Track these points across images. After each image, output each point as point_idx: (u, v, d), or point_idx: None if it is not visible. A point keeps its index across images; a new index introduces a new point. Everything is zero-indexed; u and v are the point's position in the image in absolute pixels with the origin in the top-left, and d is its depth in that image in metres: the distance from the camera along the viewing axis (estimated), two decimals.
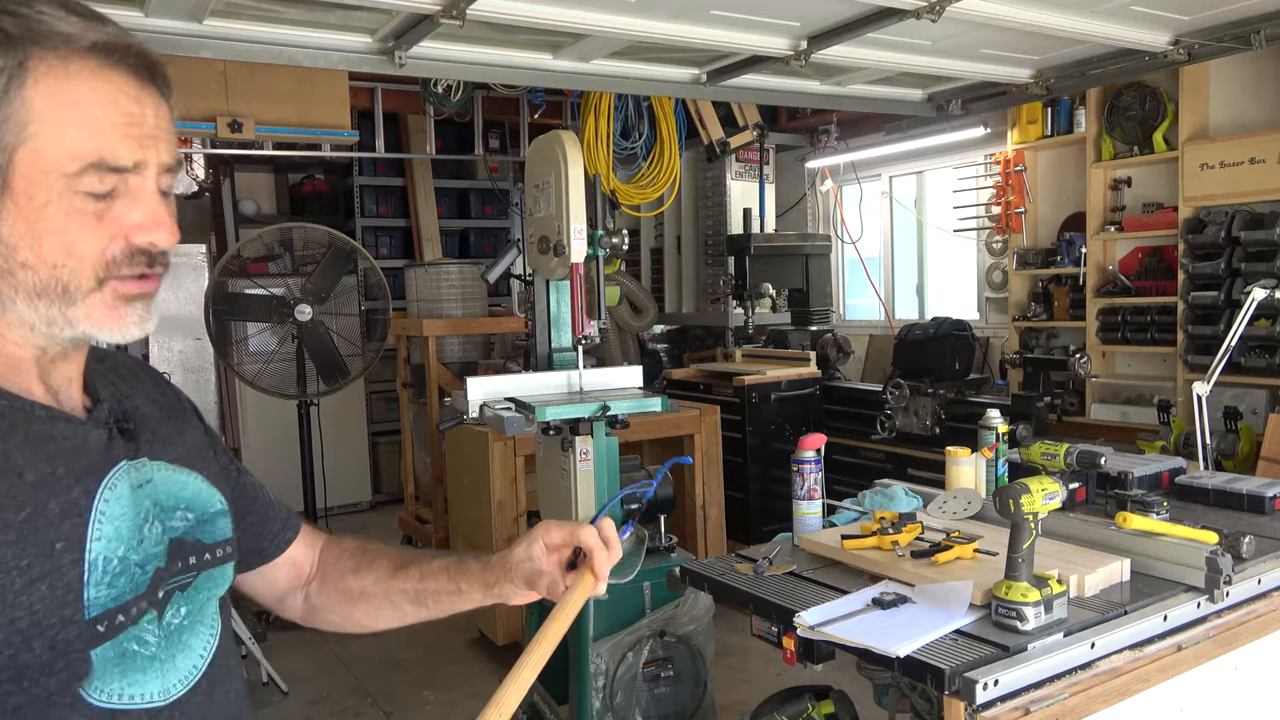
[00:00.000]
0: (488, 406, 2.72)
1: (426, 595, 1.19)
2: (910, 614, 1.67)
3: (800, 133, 6.59)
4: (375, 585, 1.21)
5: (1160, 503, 2.09)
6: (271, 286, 4.88)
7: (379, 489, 7.18)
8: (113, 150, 0.82)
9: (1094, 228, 4.77)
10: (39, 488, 0.81)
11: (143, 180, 0.85)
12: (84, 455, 0.87)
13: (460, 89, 5.78)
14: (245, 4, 2.94)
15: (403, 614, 1.22)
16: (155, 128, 0.86)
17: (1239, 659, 1.72)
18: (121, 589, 0.84)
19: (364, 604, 1.22)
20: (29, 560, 0.78)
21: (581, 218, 2.72)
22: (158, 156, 0.86)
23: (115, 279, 0.85)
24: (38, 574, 0.78)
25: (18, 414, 0.85)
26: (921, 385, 4.77)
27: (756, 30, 3.32)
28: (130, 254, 0.85)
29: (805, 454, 2.15)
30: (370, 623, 1.24)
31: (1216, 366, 2.86)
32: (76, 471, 0.85)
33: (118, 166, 0.83)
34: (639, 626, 2.71)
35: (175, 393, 1.10)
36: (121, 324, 0.87)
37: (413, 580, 1.19)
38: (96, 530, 0.84)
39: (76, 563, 0.81)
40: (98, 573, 0.82)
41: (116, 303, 0.86)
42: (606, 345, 5.67)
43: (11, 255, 0.82)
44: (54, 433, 0.86)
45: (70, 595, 0.80)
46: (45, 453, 0.84)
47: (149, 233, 0.85)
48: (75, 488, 0.84)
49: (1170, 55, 3.58)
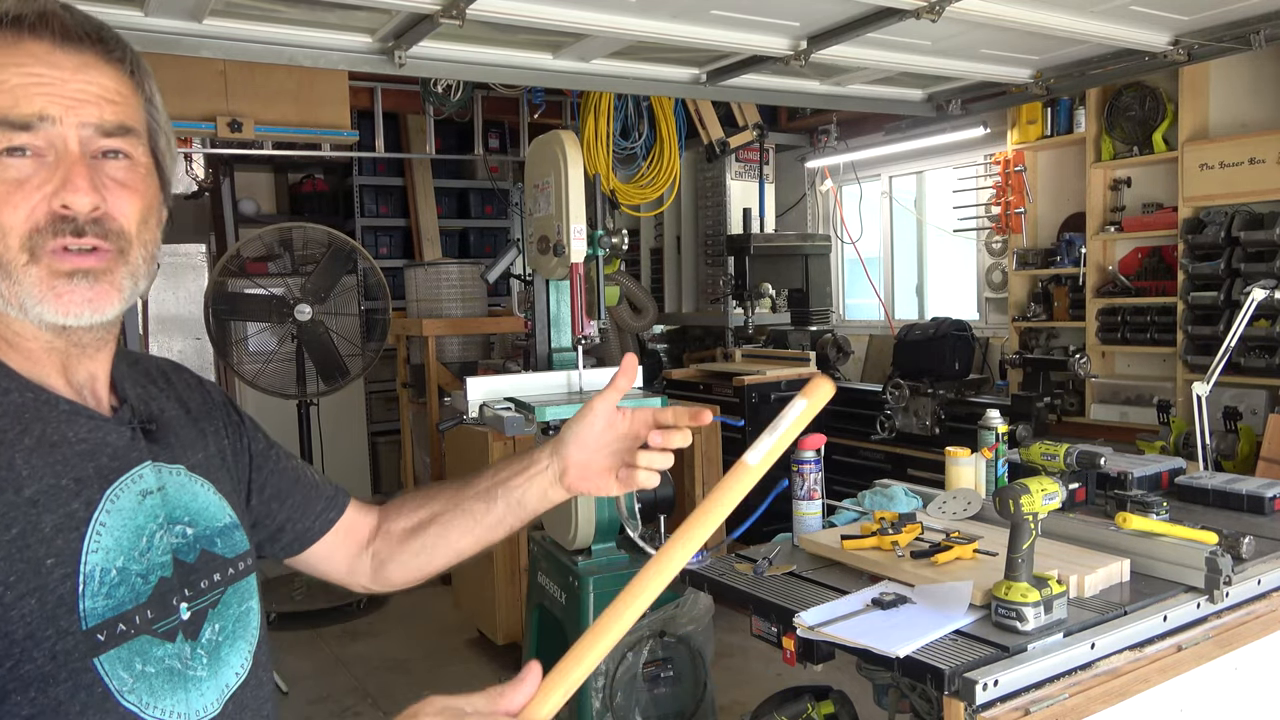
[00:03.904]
0: (487, 406, 2.72)
1: (497, 489, 1.14)
2: (910, 614, 1.67)
3: (800, 133, 6.59)
4: (445, 503, 1.17)
5: (1160, 503, 2.09)
6: (271, 286, 4.88)
7: (379, 489, 7.18)
8: (14, 106, 0.81)
9: (1094, 228, 4.77)
10: (35, 503, 0.81)
11: (64, 142, 0.83)
12: (97, 457, 0.87)
13: (460, 89, 5.78)
14: (245, 4, 2.94)
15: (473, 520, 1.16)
16: (78, 90, 0.84)
17: (1239, 659, 1.72)
18: (120, 599, 0.84)
19: (433, 527, 1.17)
20: (15, 576, 0.78)
21: (581, 218, 2.73)
22: (77, 115, 0.84)
23: (47, 252, 0.83)
24: (25, 589, 0.79)
25: (41, 407, 0.85)
26: (921, 385, 4.77)
27: (756, 30, 3.32)
28: (52, 220, 0.83)
29: (805, 454, 2.15)
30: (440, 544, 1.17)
31: (1216, 367, 2.86)
32: (82, 479, 0.85)
33: (20, 122, 0.81)
34: (639, 627, 2.71)
35: (208, 393, 1.09)
36: (61, 301, 0.84)
37: (485, 480, 1.16)
38: (94, 543, 0.84)
39: (69, 576, 0.81)
40: (94, 584, 0.83)
41: (54, 279, 0.84)
42: (606, 345, 5.66)
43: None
44: (70, 433, 0.86)
45: (62, 608, 0.80)
46: (54, 459, 0.84)
47: (61, 194, 0.83)
48: (76, 499, 0.84)
49: (1170, 55, 3.58)
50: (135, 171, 0.89)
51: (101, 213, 0.85)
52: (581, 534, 2.82)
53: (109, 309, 0.87)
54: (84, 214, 0.84)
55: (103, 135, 0.86)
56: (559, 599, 2.93)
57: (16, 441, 0.82)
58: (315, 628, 4.62)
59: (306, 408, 4.95)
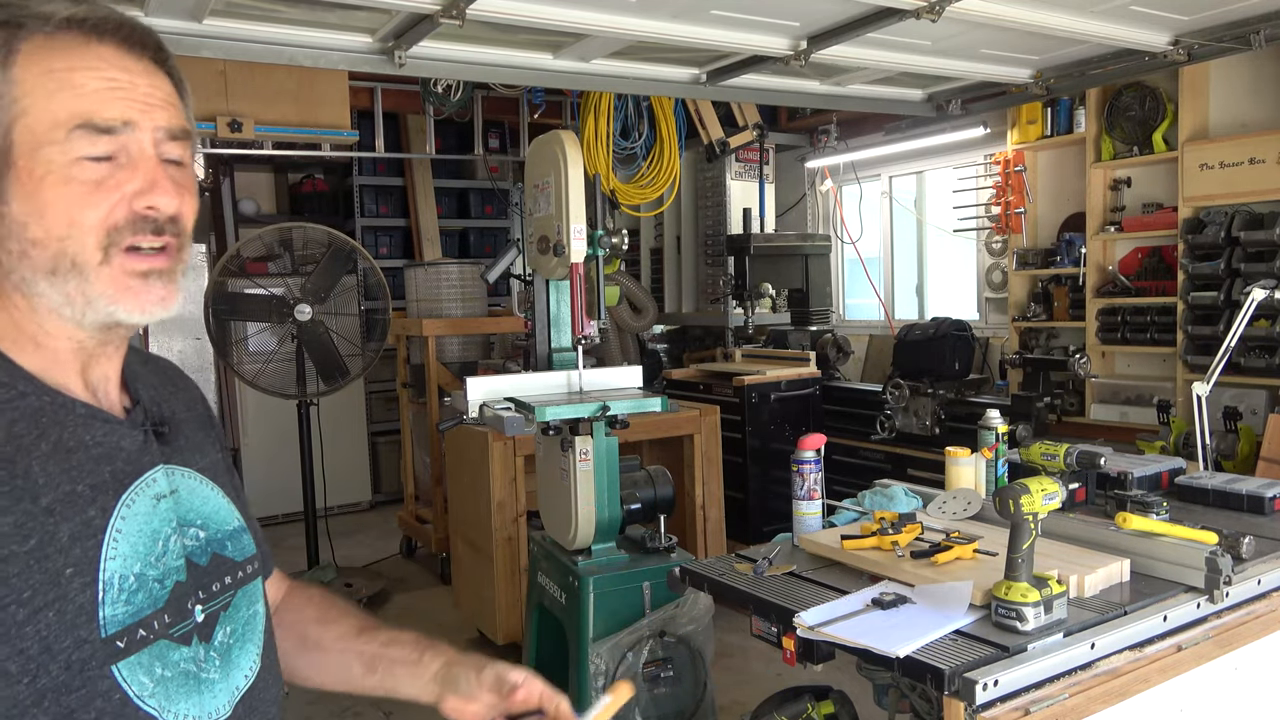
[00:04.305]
0: (487, 406, 2.72)
1: (382, 661, 1.17)
2: (910, 614, 1.67)
3: (800, 133, 6.59)
4: (336, 640, 1.20)
5: (1160, 503, 2.09)
6: (271, 286, 4.88)
7: (379, 489, 7.18)
8: (98, 110, 0.83)
9: (1094, 228, 4.77)
10: (52, 513, 0.81)
11: (140, 145, 0.85)
12: (112, 461, 0.87)
13: (460, 89, 5.78)
14: (245, 3, 2.94)
15: (349, 676, 1.20)
16: (147, 94, 0.86)
17: (1239, 659, 1.72)
18: (139, 605, 0.85)
19: (315, 655, 1.20)
20: (30, 591, 0.78)
21: (581, 218, 2.72)
22: (152, 120, 0.86)
23: (122, 252, 0.85)
24: (42, 603, 0.78)
25: (59, 411, 0.85)
26: (921, 385, 4.77)
27: (756, 30, 3.32)
28: (133, 220, 0.85)
29: (805, 454, 2.15)
30: (311, 675, 1.21)
31: (1216, 367, 2.86)
32: (98, 485, 0.85)
33: (104, 126, 0.83)
34: (639, 627, 2.71)
35: (207, 406, 1.11)
36: (139, 300, 0.86)
37: (376, 644, 1.18)
38: (111, 549, 0.84)
39: (89, 585, 0.81)
40: (114, 591, 0.83)
41: (129, 279, 0.86)
42: (606, 345, 5.67)
43: (23, 234, 0.83)
44: (86, 437, 0.86)
45: (82, 617, 0.80)
46: (70, 464, 0.84)
47: (147, 195, 0.85)
48: (92, 506, 0.84)
49: (1170, 55, 3.58)
50: (188, 174, 0.91)
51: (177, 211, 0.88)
52: (581, 534, 2.82)
53: (175, 305, 0.89)
54: (167, 216, 0.87)
55: (169, 139, 0.88)
56: (559, 599, 2.93)
57: (33, 447, 0.82)
58: None
59: (306, 408, 4.95)
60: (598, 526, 2.82)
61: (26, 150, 0.82)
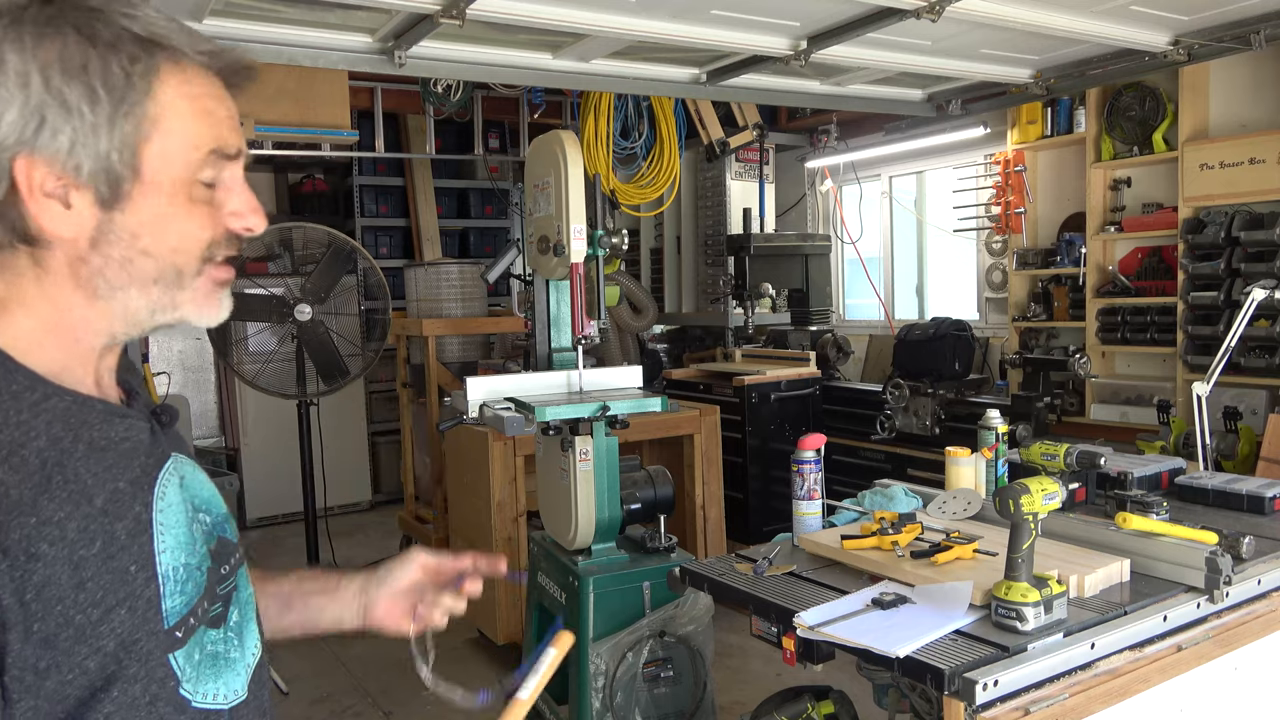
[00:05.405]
0: (487, 406, 2.72)
1: (296, 596, 1.20)
2: (910, 614, 1.67)
3: (800, 133, 6.59)
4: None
5: (1160, 503, 2.09)
6: (271, 286, 4.88)
7: (379, 489, 7.18)
8: (226, 139, 0.89)
9: (1094, 228, 4.77)
10: (107, 512, 0.82)
11: (236, 169, 0.91)
12: (138, 456, 0.88)
13: (460, 89, 5.78)
14: (245, 3, 2.94)
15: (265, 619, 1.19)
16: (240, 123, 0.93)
17: (1239, 659, 1.72)
18: (190, 594, 0.87)
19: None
20: (102, 593, 0.79)
21: (581, 218, 2.72)
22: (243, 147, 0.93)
23: (211, 264, 0.90)
24: (114, 601, 0.80)
25: (82, 411, 0.85)
26: (921, 385, 4.77)
27: (756, 30, 3.32)
28: (226, 239, 0.91)
29: (805, 454, 2.15)
30: None
31: (1216, 367, 2.86)
32: (135, 480, 0.86)
33: (230, 154, 0.90)
34: (639, 627, 2.71)
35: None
36: (218, 308, 0.93)
37: (289, 583, 1.21)
38: (160, 543, 0.86)
39: (150, 579, 0.84)
40: (171, 583, 0.85)
41: (213, 288, 0.92)
42: (606, 345, 5.67)
43: (134, 242, 0.85)
44: (112, 434, 0.87)
45: (151, 610, 0.83)
46: (108, 463, 0.84)
47: (246, 218, 0.92)
48: (136, 502, 0.85)
49: (1170, 55, 3.58)
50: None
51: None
52: (581, 534, 2.82)
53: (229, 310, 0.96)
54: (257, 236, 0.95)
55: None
56: (559, 599, 2.93)
57: (73, 449, 0.82)
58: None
59: (306, 408, 4.95)
60: (598, 526, 2.82)
61: (159, 165, 0.85)
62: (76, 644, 0.77)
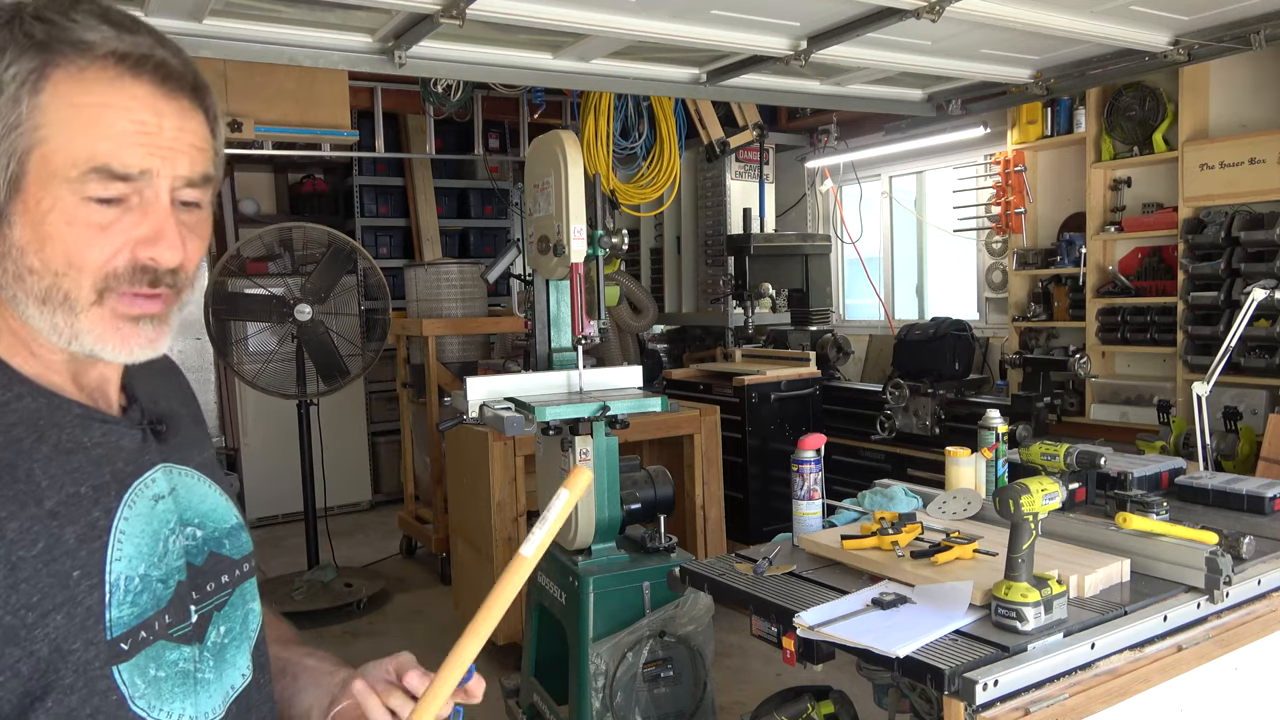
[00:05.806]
0: (487, 406, 2.72)
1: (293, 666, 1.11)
2: (910, 614, 1.67)
3: (800, 133, 6.59)
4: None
5: (1160, 503, 2.09)
6: (271, 286, 4.88)
7: (379, 489, 7.18)
8: (118, 156, 0.81)
9: (1094, 228, 4.77)
10: (56, 515, 0.81)
11: (155, 192, 0.83)
12: (111, 463, 0.87)
13: (460, 89, 5.78)
14: (245, 3, 2.94)
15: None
16: (174, 140, 0.84)
17: (1239, 659, 1.72)
18: (144, 606, 0.85)
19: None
20: (39, 596, 0.78)
21: (581, 218, 2.72)
22: (172, 168, 0.84)
23: (116, 295, 0.83)
24: (51, 606, 0.79)
25: (54, 413, 0.85)
26: (921, 385, 4.77)
27: (756, 30, 3.32)
28: (132, 269, 0.83)
29: (805, 454, 2.15)
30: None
31: (1216, 367, 2.86)
32: (100, 486, 0.85)
33: (122, 173, 0.81)
34: (639, 627, 2.71)
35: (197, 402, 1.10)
36: (126, 343, 0.85)
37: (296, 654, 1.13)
38: (117, 551, 0.84)
39: (96, 587, 0.82)
40: (120, 593, 0.83)
41: (118, 321, 0.84)
42: (606, 345, 5.67)
43: (21, 259, 0.82)
44: (84, 438, 0.86)
45: (90, 619, 0.81)
46: (71, 466, 0.84)
47: (150, 247, 0.83)
48: (95, 508, 0.84)
49: (1170, 55, 3.58)
50: (201, 217, 0.89)
51: (179, 264, 0.86)
52: (581, 534, 2.82)
53: (164, 346, 0.88)
54: (168, 269, 0.85)
55: (187, 186, 0.86)
56: (559, 599, 2.93)
57: (34, 450, 0.82)
58: (316, 627, 4.62)
59: (306, 408, 4.95)
60: (598, 526, 2.82)
61: (38, 180, 0.80)
62: (7, 645, 0.76)
